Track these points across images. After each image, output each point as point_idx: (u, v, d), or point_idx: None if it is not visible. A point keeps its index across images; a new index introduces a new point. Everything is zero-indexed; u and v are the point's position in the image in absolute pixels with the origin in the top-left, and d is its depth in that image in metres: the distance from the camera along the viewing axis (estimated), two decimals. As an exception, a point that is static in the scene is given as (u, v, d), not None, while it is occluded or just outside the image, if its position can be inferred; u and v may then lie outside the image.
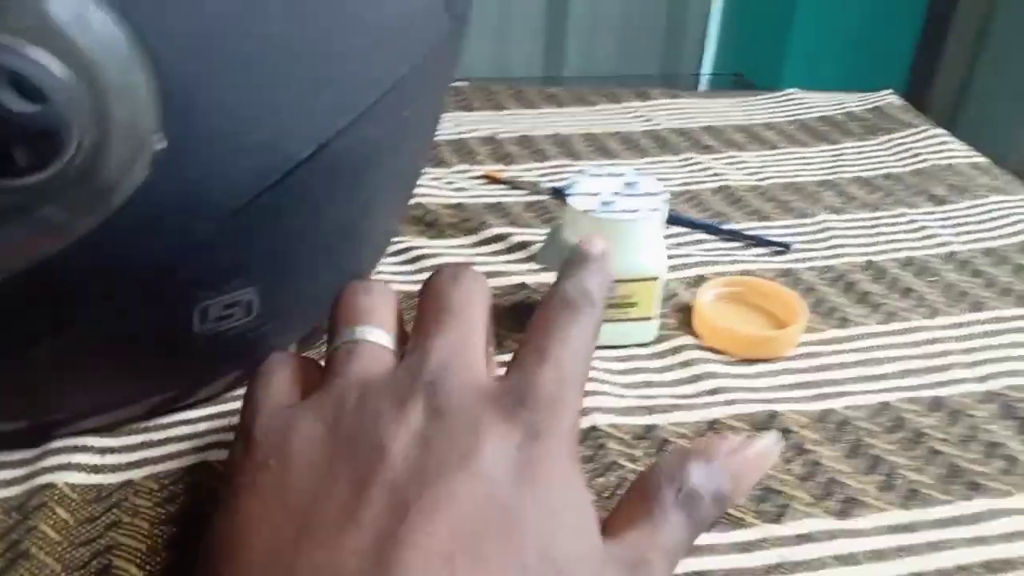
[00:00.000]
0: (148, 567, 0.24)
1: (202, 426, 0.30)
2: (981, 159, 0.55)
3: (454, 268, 0.27)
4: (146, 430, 0.30)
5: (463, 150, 0.55)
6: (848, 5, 1.59)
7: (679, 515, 0.22)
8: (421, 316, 0.26)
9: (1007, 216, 0.47)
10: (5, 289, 0.23)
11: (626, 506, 0.23)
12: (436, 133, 0.38)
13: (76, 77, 0.21)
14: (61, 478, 0.27)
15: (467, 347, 0.25)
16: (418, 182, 0.49)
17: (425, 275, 0.39)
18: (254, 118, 0.24)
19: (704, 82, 1.88)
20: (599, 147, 0.56)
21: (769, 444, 0.25)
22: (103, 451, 0.29)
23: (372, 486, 0.21)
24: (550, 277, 0.39)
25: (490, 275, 0.40)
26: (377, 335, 0.25)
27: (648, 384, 0.33)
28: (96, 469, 0.28)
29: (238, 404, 0.31)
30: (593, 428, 0.30)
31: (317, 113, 0.26)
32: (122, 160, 0.22)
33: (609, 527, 0.22)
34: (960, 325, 0.38)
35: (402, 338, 0.27)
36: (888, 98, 0.65)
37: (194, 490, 0.27)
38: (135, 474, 0.28)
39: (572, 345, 0.24)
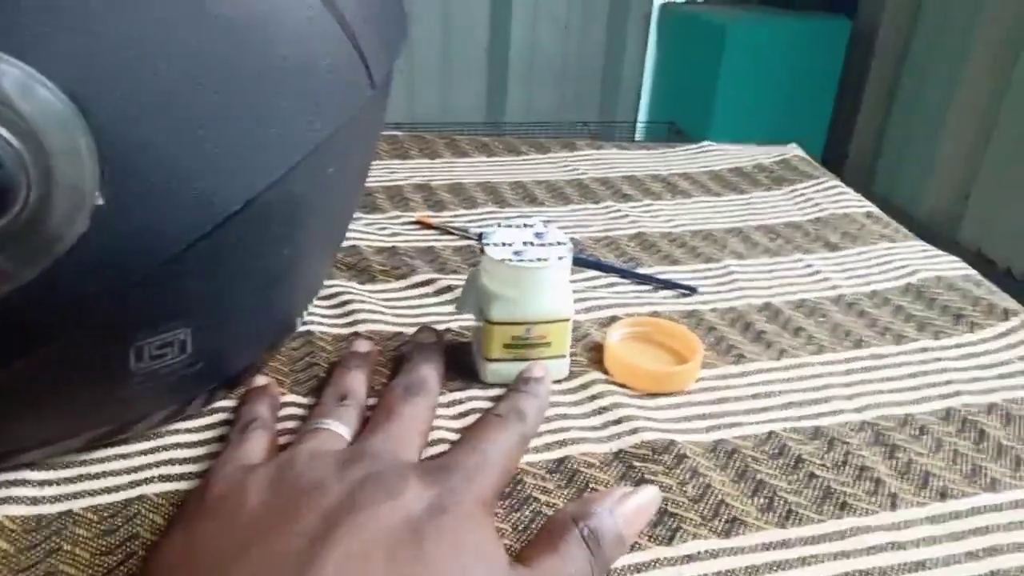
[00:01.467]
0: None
1: (137, 460, 0.32)
2: (874, 209, 0.60)
3: (407, 384, 0.34)
4: (83, 463, 0.31)
5: (397, 197, 0.58)
6: (772, 58, 1.69)
7: (583, 551, 0.27)
8: (373, 418, 0.32)
9: (892, 261, 0.52)
10: (-51, 333, 0.25)
11: (537, 542, 0.28)
12: (365, 185, 0.41)
13: (22, 143, 0.23)
14: (1, 511, 0.28)
15: (405, 441, 0.31)
16: (353, 227, 0.52)
17: (353, 318, 0.41)
18: (187, 176, 0.27)
19: (640, 130, 1.96)
20: (526, 195, 0.60)
21: (653, 493, 0.30)
22: (41, 483, 0.30)
23: (309, 510, 0.25)
24: (471, 320, 0.42)
25: (417, 316, 0.43)
26: (337, 427, 0.31)
27: (562, 417, 0.36)
28: (35, 501, 0.29)
29: (172, 439, 0.33)
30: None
31: (246, 171, 0.28)
32: (64, 215, 0.24)
33: (521, 558, 0.27)
34: (842, 361, 0.42)
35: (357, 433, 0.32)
36: (794, 151, 0.70)
37: (132, 521, 0.29)
38: (74, 504, 0.29)
39: (498, 444, 0.31)
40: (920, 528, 0.31)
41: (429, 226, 0.54)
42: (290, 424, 0.34)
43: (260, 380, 0.35)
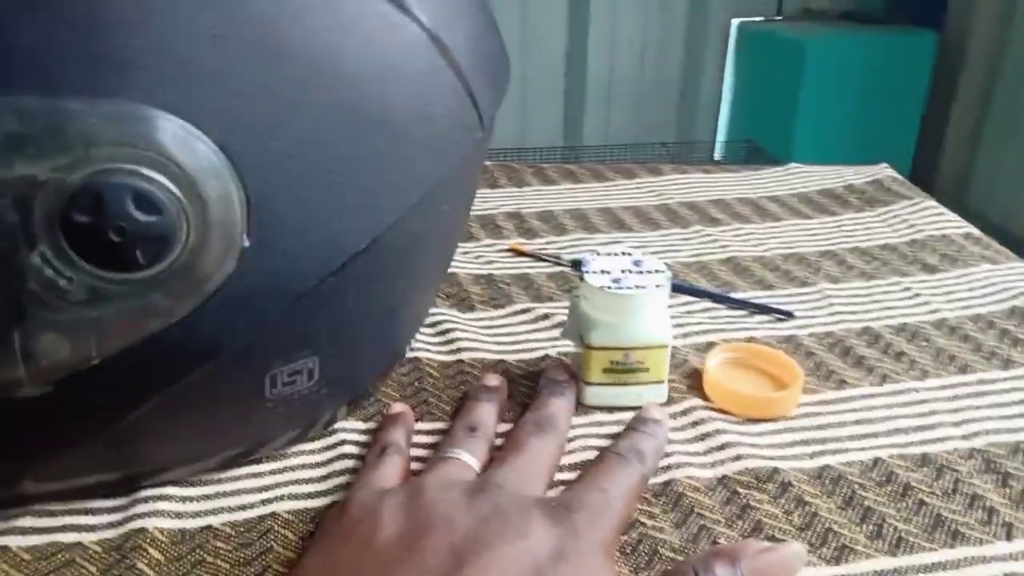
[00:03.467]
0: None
1: (268, 480, 0.34)
2: (973, 230, 0.59)
3: (537, 420, 0.35)
4: (219, 482, 0.34)
5: (490, 225, 0.60)
6: (855, 74, 1.65)
7: None
8: (502, 451, 0.33)
9: (995, 284, 0.51)
10: (115, 362, 0.27)
11: None
12: (468, 217, 0.43)
13: (183, 193, 0.26)
14: (151, 523, 0.31)
15: (531, 476, 0.32)
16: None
17: (456, 346, 0.43)
18: (320, 218, 0.29)
19: (719, 149, 1.94)
20: (615, 221, 0.61)
21: (794, 552, 0.27)
22: (183, 499, 0.33)
23: (439, 545, 0.27)
24: (569, 346, 0.43)
25: (516, 343, 0.44)
26: (467, 457, 0.33)
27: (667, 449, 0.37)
28: (179, 515, 0.32)
29: (298, 460, 0.35)
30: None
31: (370, 212, 0.31)
32: (216, 257, 0.27)
33: None
34: (948, 387, 0.41)
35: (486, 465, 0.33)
36: (884, 171, 0.69)
37: (266, 536, 0.31)
38: (213, 520, 0.32)
39: (619, 484, 0.31)
40: (1038, 559, 0.31)
41: (522, 253, 0.56)
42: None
43: (397, 407, 0.37)
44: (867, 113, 1.65)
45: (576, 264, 0.54)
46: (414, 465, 0.35)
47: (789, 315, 0.47)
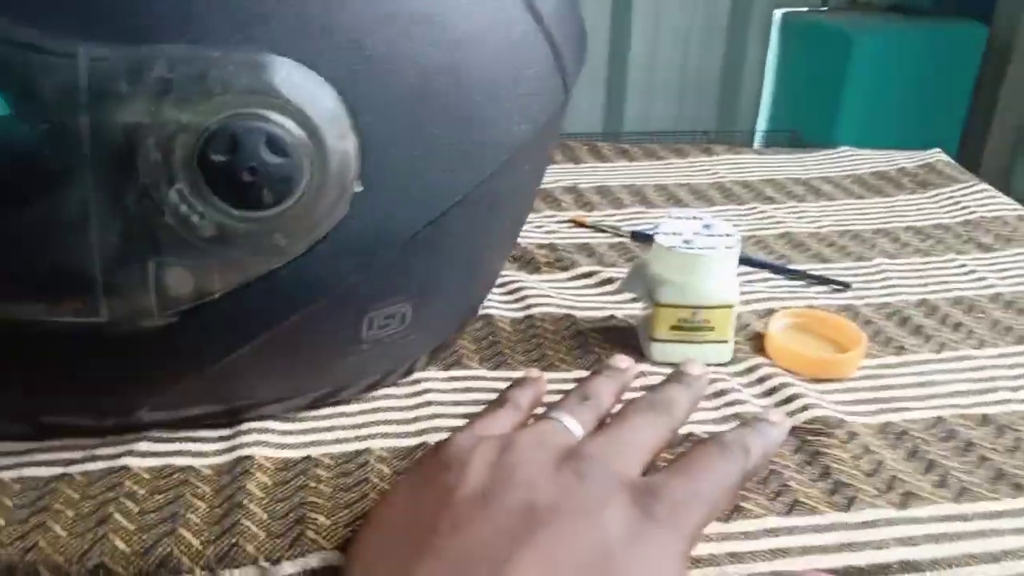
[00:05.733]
0: (333, 518, 0.31)
1: (359, 419, 0.36)
2: (1027, 211, 0.60)
3: (652, 400, 0.33)
4: (313, 419, 0.36)
5: (549, 198, 0.62)
6: (901, 67, 1.64)
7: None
8: (611, 420, 0.32)
9: (1051, 262, 0.52)
10: (232, 298, 0.30)
11: None
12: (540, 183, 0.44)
13: (308, 139, 0.28)
14: (256, 452, 0.34)
15: (628, 453, 0.30)
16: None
17: (526, 303, 0.45)
18: (423, 169, 0.31)
19: (759, 139, 1.94)
20: (670, 196, 0.62)
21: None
22: (283, 433, 0.35)
23: (516, 505, 0.27)
24: (635, 308, 0.45)
25: (583, 302, 0.46)
26: (570, 422, 0.31)
27: (734, 399, 0.38)
28: (281, 446, 0.34)
29: (386, 403, 0.37)
30: (691, 434, 0.36)
31: (467, 166, 0.33)
32: (331, 201, 0.29)
33: None
34: (1006, 355, 0.42)
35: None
36: (938, 156, 0.70)
37: (363, 467, 0.34)
38: (313, 451, 0.34)
39: (714, 478, 0.29)
40: (1099, 511, 0.32)
41: (583, 225, 0.57)
42: (473, 395, 0.38)
43: (533, 372, 0.36)
44: (912, 106, 1.64)
45: (637, 236, 0.55)
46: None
47: (847, 286, 0.49)
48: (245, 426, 0.35)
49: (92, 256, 0.27)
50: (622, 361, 0.36)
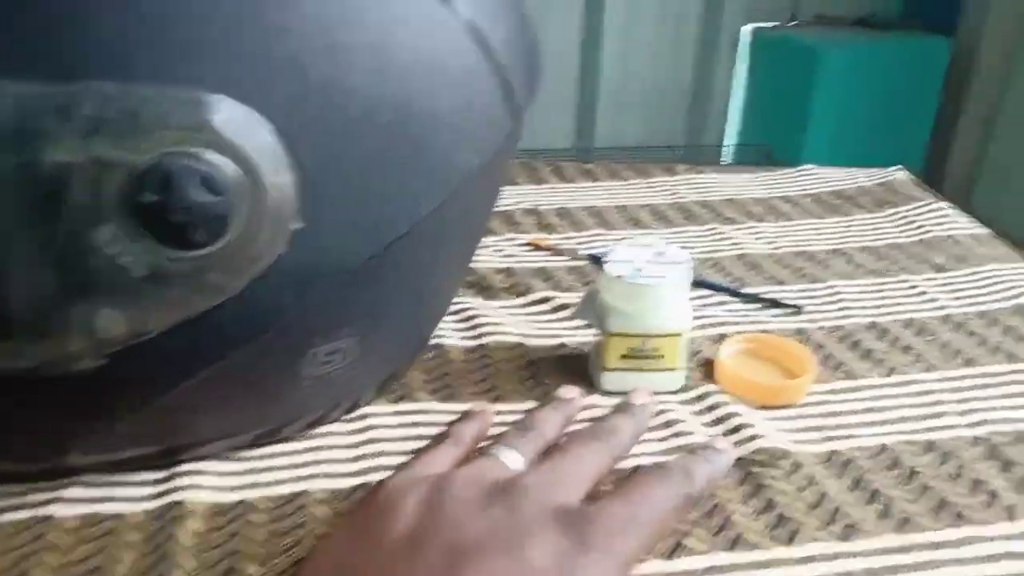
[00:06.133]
0: (266, 566, 0.30)
1: (300, 458, 0.36)
2: (981, 230, 0.60)
3: (595, 429, 0.33)
4: (252, 459, 0.36)
5: (509, 220, 0.62)
6: (867, 80, 1.67)
7: None
8: (549, 452, 0.32)
9: (1002, 282, 0.52)
10: (168, 337, 0.29)
11: None
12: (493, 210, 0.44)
13: (243, 176, 0.27)
14: (189, 496, 0.33)
15: (567, 482, 0.30)
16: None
17: (479, 331, 0.45)
18: (366, 203, 0.31)
19: (729, 154, 1.96)
20: (630, 218, 0.63)
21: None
22: (220, 474, 0.35)
23: (441, 543, 0.27)
24: (587, 336, 0.45)
25: (537, 330, 0.46)
26: (508, 456, 0.31)
27: (682, 429, 0.38)
28: (217, 489, 0.34)
29: (328, 441, 0.37)
30: (638, 467, 0.36)
31: (412, 198, 0.32)
32: (268, 237, 0.29)
33: None
34: (954, 379, 0.43)
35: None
36: (897, 174, 0.71)
37: (300, 511, 0.33)
38: (249, 494, 0.34)
39: (653, 500, 0.29)
40: (1038, 540, 0.32)
41: (541, 248, 0.57)
42: (420, 429, 0.38)
43: (481, 406, 0.37)
44: (878, 119, 1.67)
45: (594, 259, 0.55)
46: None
47: (798, 309, 0.49)
48: (182, 467, 0.34)
49: (19, 299, 0.27)
50: (568, 392, 0.37)
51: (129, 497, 0.33)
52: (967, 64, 1.72)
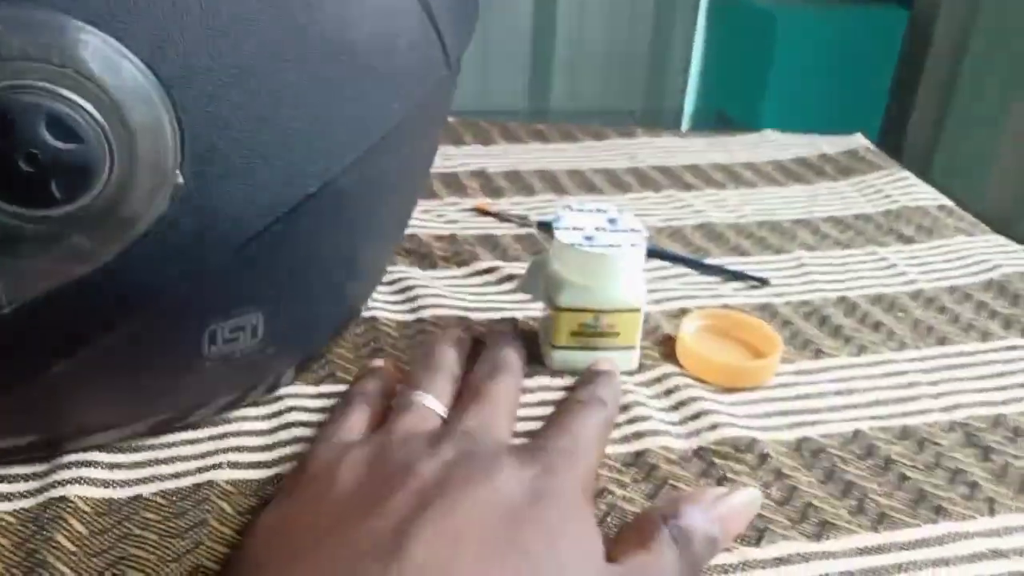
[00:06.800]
0: (156, 575, 0.26)
1: (205, 446, 0.31)
2: (947, 202, 0.58)
3: (492, 364, 0.33)
4: (152, 448, 0.31)
5: (454, 183, 0.57)
6: (824, 48, 1.65)
7: (672, 550, 0.25)
8: (461, 398, 0.32)
9: (971, 256, 0.50)
10: (28, 312, 0.24)
11: (624, 538, 0.27)
12: (430, 168, 0.40)
13: (106, 119, 0.22)
14: (73, 491, 0.28)
15: (495, 421, 0.30)
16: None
17: (417, 304, 0.41)
18: (266, 155, 0.26)
19: (687, 118, 1.93)
20: (584, 183, 0.58)
21: (752, 495, 0.28)
22: (111, 467, 0.30)
23: (400, 490, 0.25)
24: (537, 309, 0.41)
25: (481, 303, 0.42)
26: (431, 402, 0.31)
27: (638, 405, 0.35)
28: (106, 484, 0.29)
29: (239, 426, 0.32)
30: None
31: (324, 152, 0.28)
32: (145, 194, 0.24)
33: (608, 554, 0.26)
34: (927, 359, 0.40)
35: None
36: (859, 141, 0.68)
37: (201, 506, 0.28)
38: (144, 489, 0.29)
39: (586, 427, 0.30)
40: (1021, 536, 0.29)
41: (488, 213, 0.53)
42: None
43: (377, 362, 0.35)
44: (835, 86, 1.65)
45: (544, 226, 0.51)
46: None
47: (764, 282, 0.46)
48: (66, 459, 0.29)
49: None
50: (455, 331, 0.37)
51: (2, 494, 0.28)
52: (923, 35, 1.71)
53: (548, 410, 0.34)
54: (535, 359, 0.37)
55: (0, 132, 0.21)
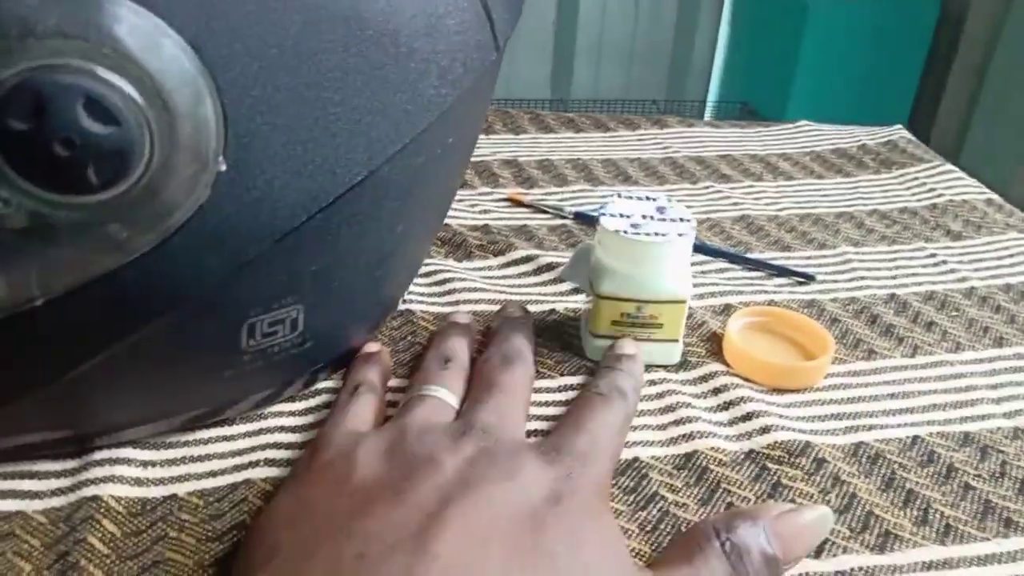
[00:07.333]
0: (194, 584, 0.25)
1: (242, 443, 0.30)
2: (994, 196, 0.56)
3: (504, 353, 0.33)
4: (186, 444, 0.30)
5: (486, 173, 0.55)
6: (854, 39, 1.61)
7: (723, 566, 0.24)
8: (474, 389, 0.31)
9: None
10: (62, 304, 0.23)
11: (672, 548, 0.26)
12: (471, 157, 0.38)
13: (147, 101, 0.21)
14: (106, 490, 0.27)
15: (510, 413, 0.29)
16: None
17: (454, 297, 0.39)
18: (310, 144, 0.25)
19: (710, 109, 1.90)
20: (619, 173, 0.57)
21: (821, 516, 0.26)
22: (144, 464, 0.29)
23: (423, 483, 0.24)
24: (579, 302, 0.40)
25: (519, 294, 0.41)
26: (444, 394, 0.30)
27: (686, 406, 0.33)
28: (139, 482, 0.28)
29: (276, 422, 0.31)
30: (635, 459, 0.31)
31: (370, 140, 0.26)
32: (185, 181, 0.23)
33: (653, 565, 0.24)
34: (984, 360, 0.38)
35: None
36: (899, 132, 0.66)
37: (239, 507, 0.27)
38: (179, 488, 0.28)
39: (606, 425, 0.29)
40: (1097, 551, 0.28)
41: (522, 204, 0.51)
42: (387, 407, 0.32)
43: (372, 346, 0.34)
44: (863, 78, 1.61)
45: (582, 217, 0.50)
46: (388, 411, 0.31)
47: (811, 278, 0.44)
48: (97, 456, 0.28)
49: None
50: (462, 317, 0.36)
51: (33, 492, 0.27)
52: (955, 25, 1.67)
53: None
54: (570, 348, 0.36)
55: (34, 114, 0.20)
